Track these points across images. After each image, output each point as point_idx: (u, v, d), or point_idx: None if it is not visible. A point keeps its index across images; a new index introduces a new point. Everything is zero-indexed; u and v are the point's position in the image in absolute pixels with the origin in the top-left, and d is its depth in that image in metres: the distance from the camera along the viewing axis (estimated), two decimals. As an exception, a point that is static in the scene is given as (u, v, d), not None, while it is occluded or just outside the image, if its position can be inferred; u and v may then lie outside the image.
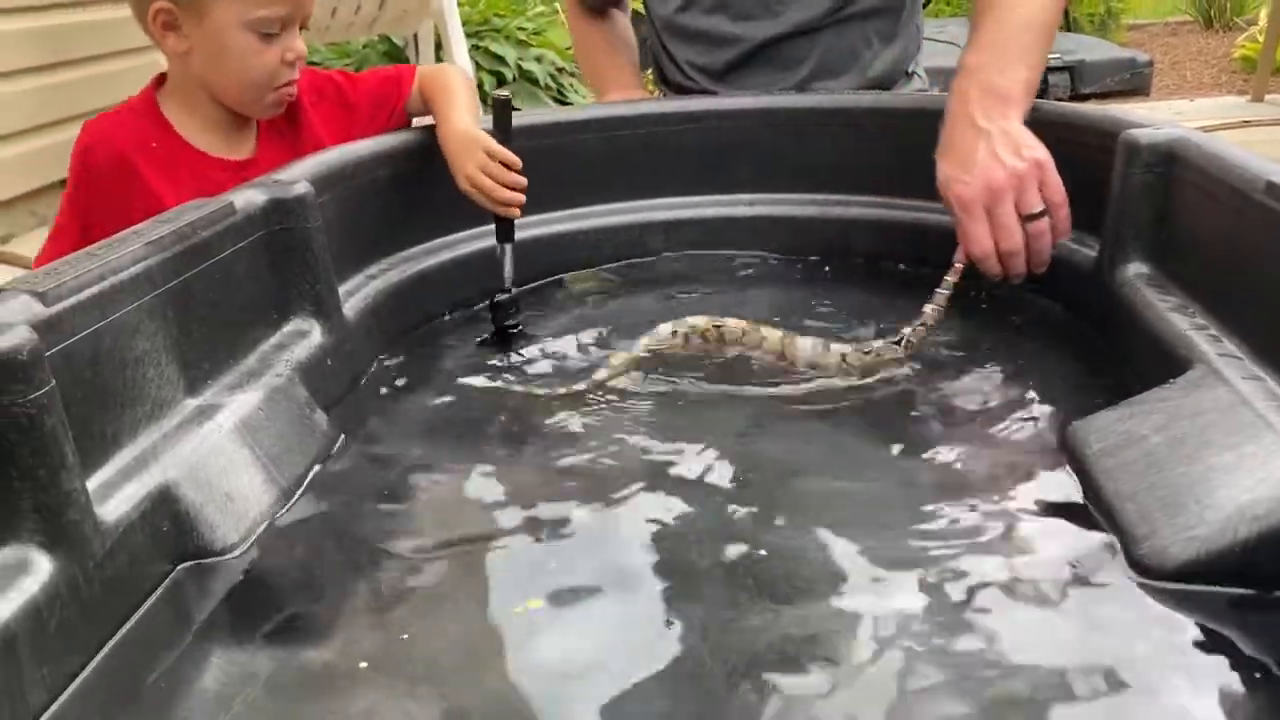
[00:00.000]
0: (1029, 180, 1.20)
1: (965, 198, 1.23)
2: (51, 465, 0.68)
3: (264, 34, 1.27)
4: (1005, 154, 1.21)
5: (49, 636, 0.67)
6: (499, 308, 1.28)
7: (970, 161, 1.23)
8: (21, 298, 0.74)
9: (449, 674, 0.73)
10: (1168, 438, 0.84)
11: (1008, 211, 1.21)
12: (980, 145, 1.22)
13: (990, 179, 1.21)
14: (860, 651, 0.71)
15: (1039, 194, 1.21)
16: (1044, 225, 1.21)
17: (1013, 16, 1.31)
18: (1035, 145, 1.21)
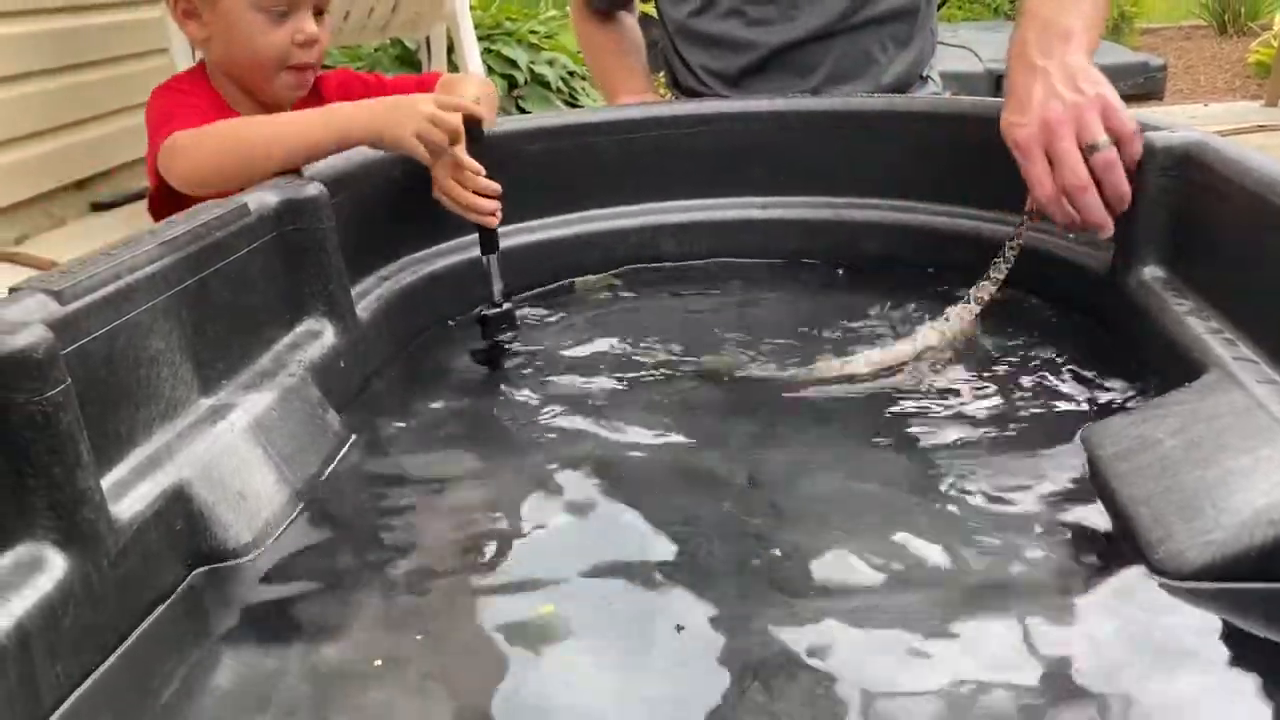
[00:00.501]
0: (1089, 111, 1.12)
1: (1021, 140, 1.16)
2: (66, 463, 0.69)
3: (273, 15, 1.30)
4: (1063, 88, 1.13)
5: (63, 634, 0.67)
6: (488, 321, 1.22)
7: (1027, 102, 1.16)
8: (37, 296, 0.74)
9: (462, 674, 0.73)
10: (1183, 441, 0.84)
11: (1068, 147, 1.12)
12: (1037, 83, 1.16)
13: (1046, 115, 1.13)
14: (872, 651, 0.71)
15: (1102, 125, 1.12)
16: (1111, 156, 1.12)
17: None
18: (1099, 80, 1.14)
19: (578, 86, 4.48)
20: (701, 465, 0.99)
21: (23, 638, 0.64)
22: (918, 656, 0.70)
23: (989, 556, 0.81)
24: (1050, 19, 1.20)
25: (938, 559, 0.81)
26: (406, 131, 1.15)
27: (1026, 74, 1.18)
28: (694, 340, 1.31)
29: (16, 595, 0.65)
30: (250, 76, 1.33)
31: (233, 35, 1.32)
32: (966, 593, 0.77)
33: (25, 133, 3.03)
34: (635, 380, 1.18)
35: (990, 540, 0.84)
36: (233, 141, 1.16)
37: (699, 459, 1.00)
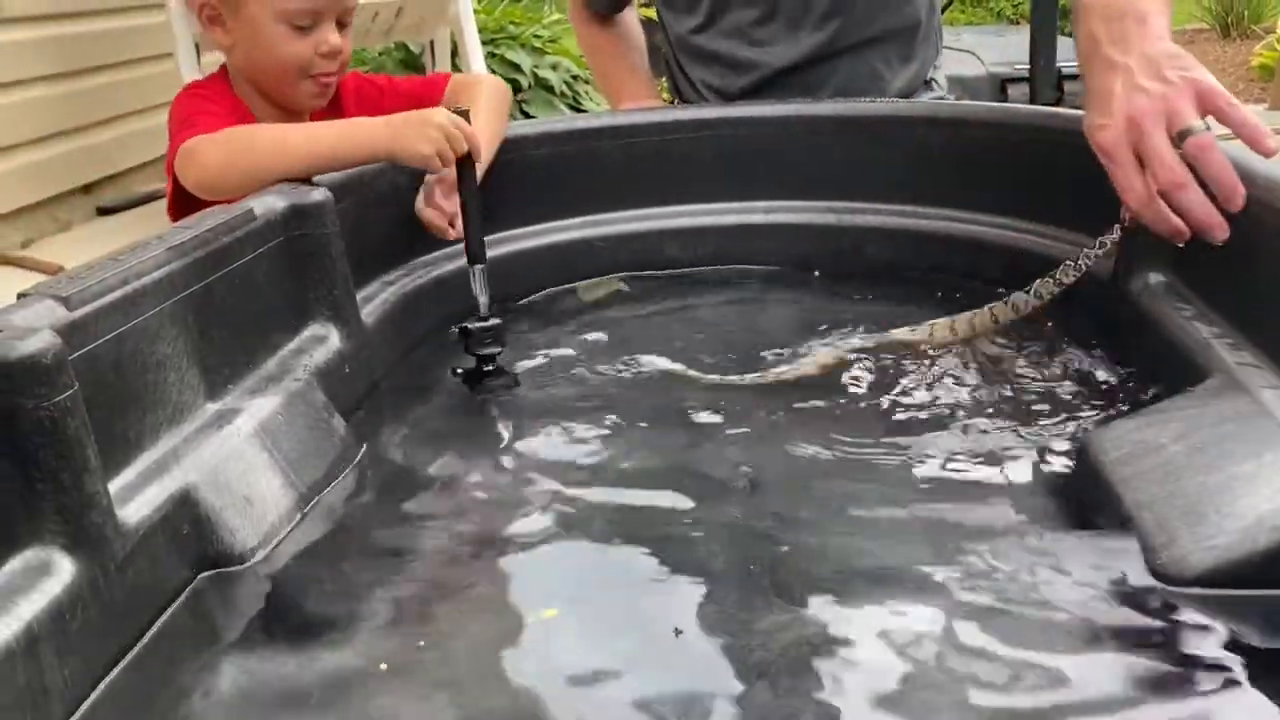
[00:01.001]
0: (1179, 100, 0.98)
1: (1105, 142, 1.04)
2: (74, 468, 0.69)
3: (297, 26, 1.30)
4: (1146, 80, 1.01)
5: (71, 638, 0.68)
6: (471, 335, 1.16)
7: (1108, 101, 1.04)
8: (46, 302, 0.75)
9: (467, 678, 0.73)
10: (1186, 446, 0.84)
11: (1158, 142, 0.99)
12: (1117, 80, 1.03)
13: (1130, 111, 1.01)
14: (875, 655, 0.71)
15: (1195, 108, 0.98)
16: (1206, 140, 0.97)
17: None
18: (1188, 64, 1.01)
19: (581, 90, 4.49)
20: (703, 468, 0.99)
21: (31, 641, 0.64)
22: (920, 659, 0.70)
23: (990, 561, 0.81)
24: (1114, 8, 1.08)
25: (939, 562, 0.81)
26: (422, 146, 1.16)
27: (1105, 72, 1.06)
28: (696, 345, 1.31)
29: (25, 599, 0.65)
30: (272, 84, 1.34)
31: (257, 44, 1.32)
32: (968, 596, 0.77)
33: (31, 137, 3.04)
34: (638, 384, 1.18)
35: (991, 544, 0.84)
36: (246, 151, 1.16)
37: (701, 462, 1.00)
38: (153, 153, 3.61)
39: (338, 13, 1.34)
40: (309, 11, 1.31)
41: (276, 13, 1.30)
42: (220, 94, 1.37)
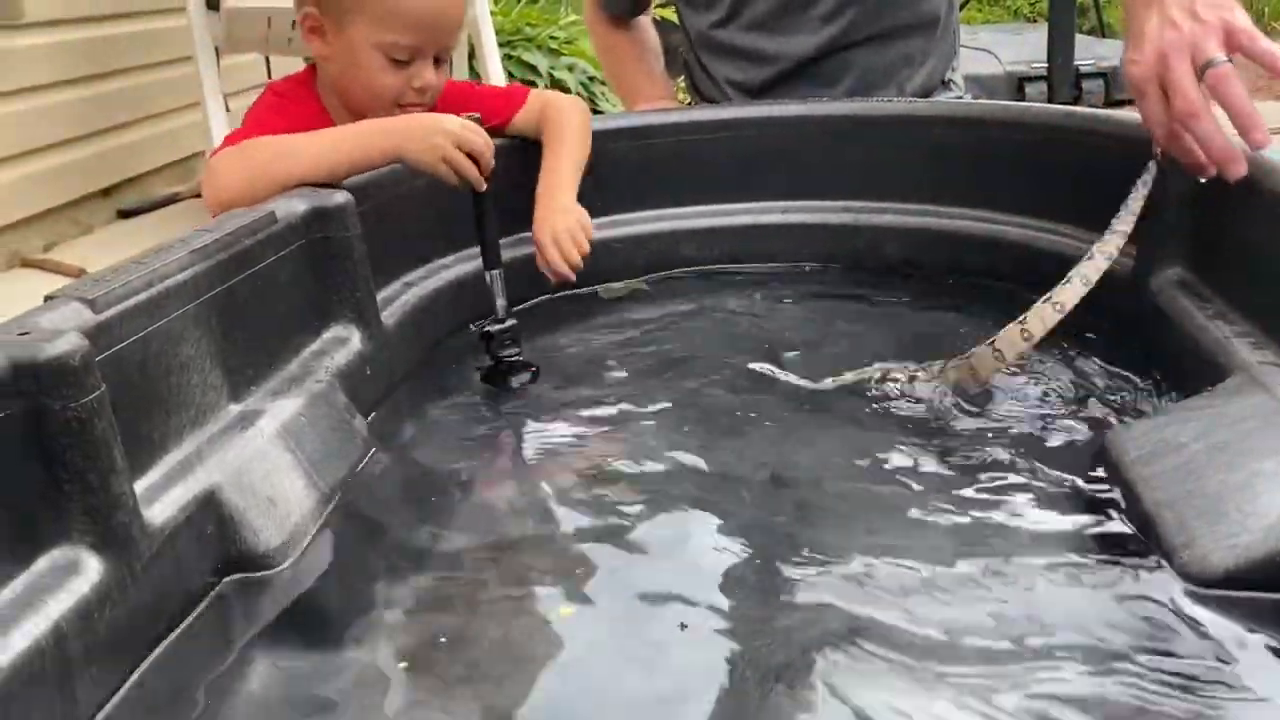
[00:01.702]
0: (1207, 36, 1.02)
1: (1136, 75, 1.08)
2: (101, 468, 0.70)
3: (394, 59, 1.30)
4: (1179, 15, 1.04)
5: (98, 637, 0.69)
6: (492, 338, 1.19)
7: (1141, 37, 1.07)
8: (72, 305, 0.76)
9: (487, 677, 0.73)
10: (1207, 445, 0.84)
11: (1181, 73, 1.02)
12: (1153, 17, 1.06)
13: (1161, 46, 1.04)
14: (895, 653, 0.71)
15: (1221, 43, 1.02)
16: (1225, 70, 1.00)
17: None
18: (1221, 3, 1.04)
19: (598, 91, 4.49)
20: (723, 468, 0.99)
21: (60, 639, 0.65)
22: (940, 658, 0.70)
23: (1011, 559, 0.81)
24: None
25: (960, 561, 0.82)
26: (424, 154, 1.16)
27: (1143, 9, 1.08)
28: (715, 344, 1.32)
29: (53, 598, 0.66)
30: (360, 106, 1.33)
31: (353, 65, 1.31)
32: (988, 595, 0.77)
33: (53, 141, 3.07)
34: (657, 384, 1.19)
35: (1012, 542, 0.84)
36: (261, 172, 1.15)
37: (721, 461, 1.00)
38: (172, 155, 3.64)
39: (437, 50, 1.34)
40: (409, 48, 1.30)
41: (378, 43, 1.29)
42: (301, 97, 1.37)
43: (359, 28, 1.29)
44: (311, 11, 1.31)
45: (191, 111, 3.45)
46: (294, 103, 1.35)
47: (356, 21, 1.29)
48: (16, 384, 0.66)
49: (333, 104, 1.37)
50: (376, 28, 1.28)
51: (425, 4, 1.29)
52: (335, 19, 1.30)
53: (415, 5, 1.29)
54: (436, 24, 1.32)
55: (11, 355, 0.66)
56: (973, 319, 1.33)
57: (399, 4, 1.28)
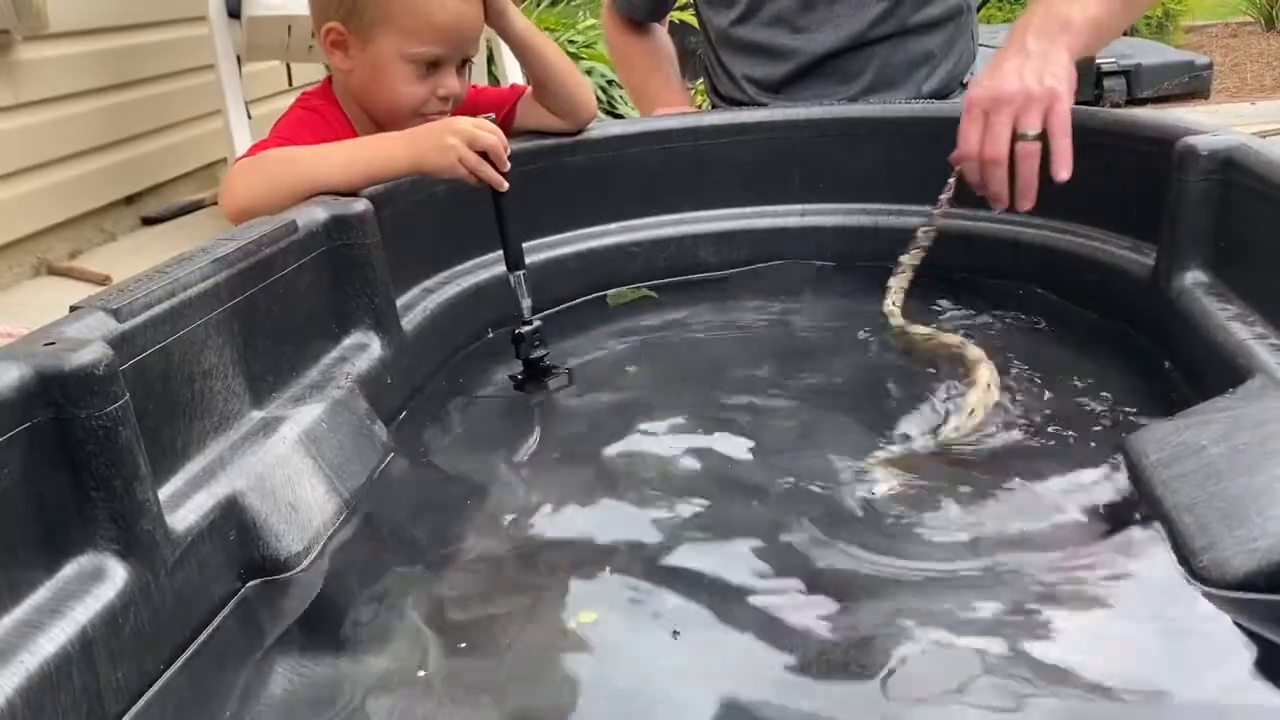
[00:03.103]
0: (1036, 103, 1.21)
1: (971, 98, 1.27)
2: (126, 475, 0.71)
3: (421, 67, 1.31)
4: (1028, 73, 1.23)
5: (124, 642, 0.70)
6: (521, 340, 1.20)
7: (997, 70, 1.26)
8: (97, 314, 0.77)
9: (508, 681, 0.74)
10: (1228, 448, 0.83)
11: (1002, 121, 1.23)
12: (1013, 60, 1.25)
13: (1001, 89, 1.24)
14: (914, 655, 0.71)
15: (1041, 119, 1.22)
16: (1033, 149, 1.23)
17: None
18: (1062, 77, 1.22)
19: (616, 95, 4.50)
20: (744, 473, 1.00)
21: (86, 645, 0.66)
22: (957, 659, 0.70)
23: (1029, 561, 0.81)
24: (1054, 9, 1.27)
25: (977, 563, 0.82)
26: (438, 158, 1.17)
27: (1016, 49, 1.26)
28: (731, 348, 1.32)
29: (80, 604, 0.67)
30: (383, 116, 1.35)
31: (377, 77, 1.33)
32: (1007, 597, 0.77)
33: (78, 150, 3.10)
34: (674, 389, 1.19)
35: (1031, 545, 0.84)
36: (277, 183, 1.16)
37: (741, 466, 1.01)
38: (195, 163, 3.68)
39: (461, 57, 1.35)
40: (436, 57, 1.32)
41: (404, 54, 1.30)
42: (328, 112, 1.38)
43: (386, 40, 1.30)
44: (335, 26, 1.32)
45: (213, 119, 3.48)
46: (321, 118, 1.36)
47: (383, 34, 1.30)
48: (44, 394, 0.68)
49: (355, 113, 1.38)
50: (404, 39, 1.30)
51: (451, 13, 1.30)
52: (360, 32, 1.31)
53: (442, 15, 1.30)
54: (462, 33, 1.33)
55: (38, 366, 0.68)
56: (991, 319, 1.32)
57: (426, 15, 1.29)
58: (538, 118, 1.48)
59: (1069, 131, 1.22)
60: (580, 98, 1.47)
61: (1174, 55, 6.26)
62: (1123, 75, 5.72)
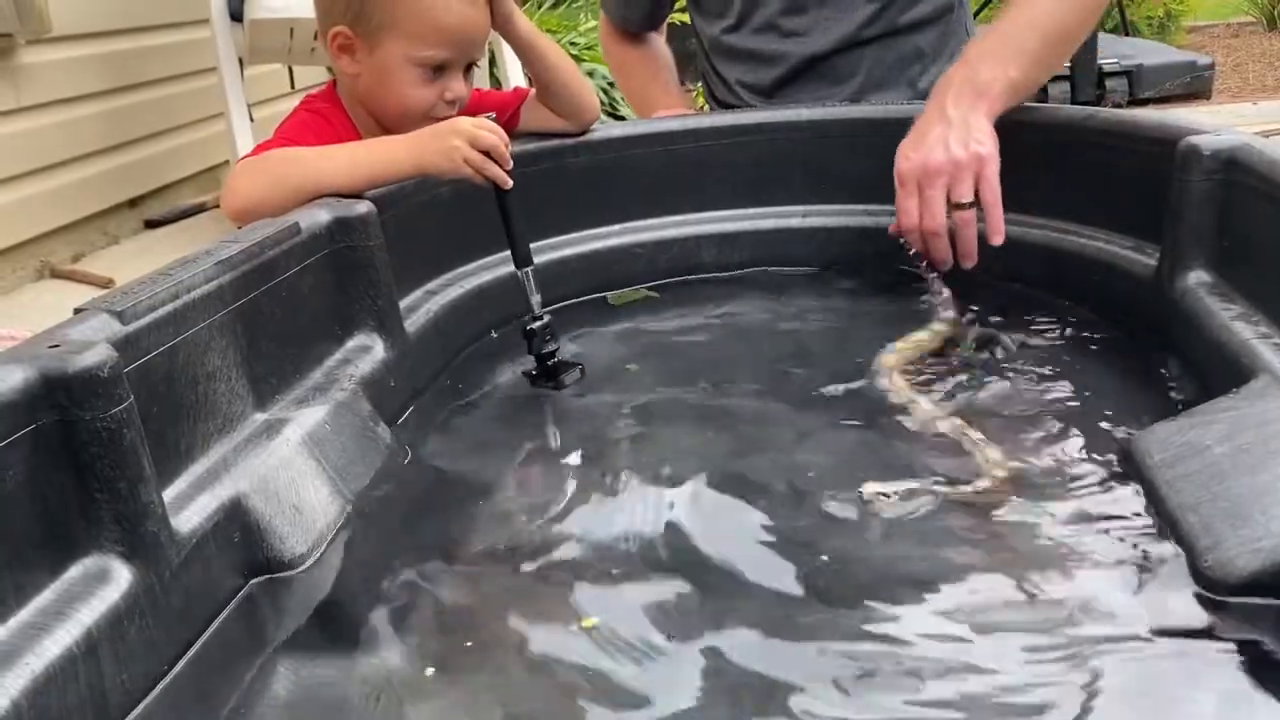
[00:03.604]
0: (965, 171, 1.27)
1: (902, 172, 1.32)
2: (130, 478, 0.71)
3: (428, 70, 1.32)
4: (953, 142, 1.28)
5: (129, 643, 0.70)
6: (533, 335, 1.21)
7: (921, 141, 1.31)
8: (101, 316, 0.77)
9: (512, 683, 0.74)
10: (1231, 448, 0.83)
11: (936, 195, 1.28)
12: (936, 129, 1.30)
13: (929, 160, 1.28)
14: (913, 656, 0.71)
15: (973, 187, 1.27)
16: (969, 216, 1.28)
17: (1025, 15, 1.37)
18: (985, 141, 1.28)
19: (618, 97, 4.50)
20: (747, 474, 0.99)
21: (92, 646, 0.66)
22: (960, 662, 0.70)
23: (1033, 564, 0.81)
24: (973, 76, 1.33)
25: (980, 565, 0.82)
26: (441, 160, 1.17)
27: (936, 116, 1.32)
28: (735, 349, 1.32)
29: (85, 606, 0.67)
30: (390, 119, 1.35)
31: (384, 81, 1.33)
32: (1010, 600, 0.77)
33: (81, 153, 3.11)
34: (677, 390, 1.19)
35: (1035, 547, 0.84)
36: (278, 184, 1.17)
37: (745, 468, 1.00)
38: (198, 165, 3.68)
39: (468, 60, 1.35)
40: (444, 60, 1.32)
41: (411, 58, 1.31)
42: (332, 115, 1.38)
43: (393, 44, 1.31)
44: (342, 30, 1.33)
45: (216, 122, 3.49)
46: (325, 120, 1.36)
47: (390, 38, 1.30)
48: (48, 396, 0.68)
49: (360, 117, 1.38)
50: (412, 43, 1.30)
51: (458, 18, 1.31)
52: (367, 37, 1.32)
53: (448, 21, 1.30)
54: (469, 37, 1.34)
55: (43, 368, 0.68)
56: (994, 320, 1.32)
57: (434, 19, 1.29)
58: (541, 120, 1.48)
59: (999, 198, 1.27)
60: (583, 99, 1.48)
61: (1176, 55, 6.26)
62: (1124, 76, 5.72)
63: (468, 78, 1.36)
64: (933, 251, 1.32)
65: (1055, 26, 1.37)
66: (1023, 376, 1.16)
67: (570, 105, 1.47)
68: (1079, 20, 1.40)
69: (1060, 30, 1.38)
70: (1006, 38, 1.36)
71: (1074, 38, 1.42)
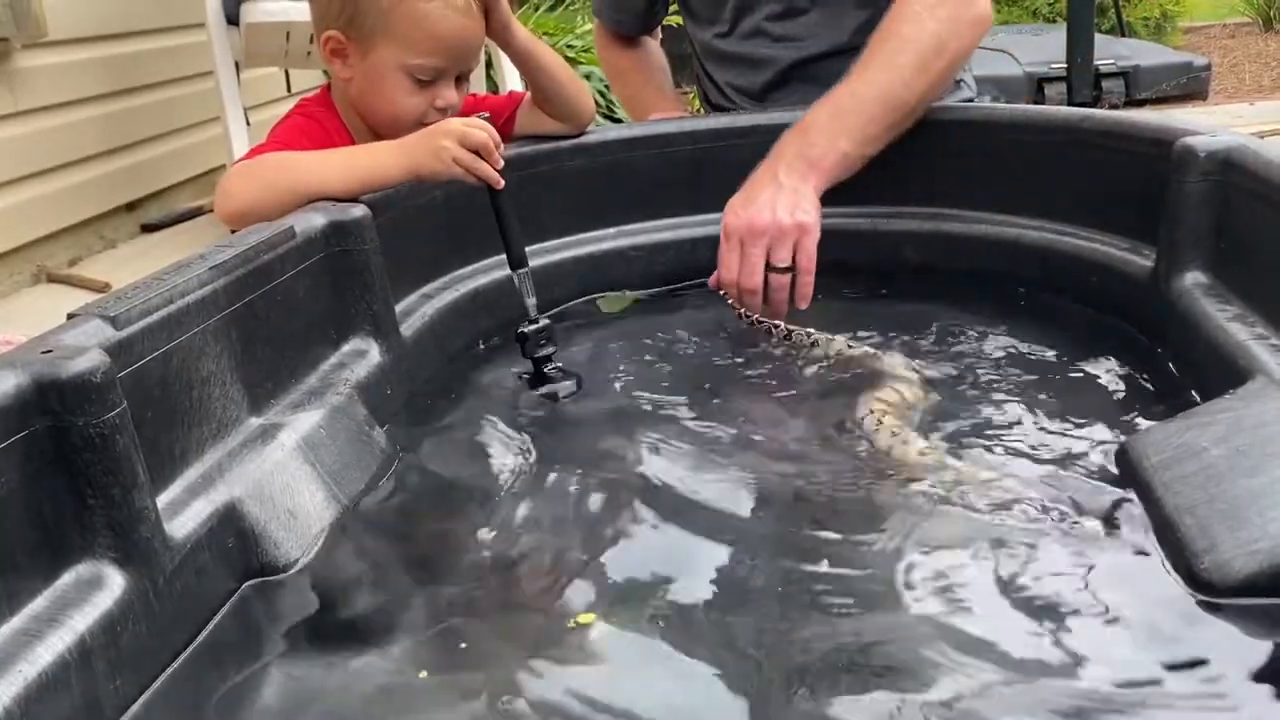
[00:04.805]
0: (787, 236, 1.33)
1: (728, 226, 1.37)
2: (124, 483, 0.71)
3: (419, 80, 1.31)
4: (780, 208, 1.34)
5: (122, 649, 0.69)
6: (527, 339, 1.21)
7: (750, 201, 1.37)
8: (94, 322, 0.77)
9: (507, 684, 0.74)
10: (1228, 450, 0.83)
11: (757, 254, 1.34)
12: (767, 192, 1.37)
13: (755, 221, 1.34)
14: (915, 663, 0.71)
15: (791, 253, 1.34)
16: (784, 280, 1.35)
17: (868, 87, 1.42)
18: (810, 212, 1.35)
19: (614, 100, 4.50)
20: (744, 479, 0.99)
21: (85, 653, 0.66)
22: (957, 664, 0.70)
23: (1030, 566, 0.81)
24: (808, 148, 1.40)
25: (978, 569, 0.81)
26: (434, 163, 1.17)
27: (767, 180, 1.39)
28: (729, 354, 1.32)
29: (79, 612, 0.67)
30: (381, 124, 1.35)
31: (376, 88, 1.33)
32: (1008, 602, 0.77)
33: (77, 157, 3.11)
34: (673, 394, 1.19)
35: (1031, 550, 0.84)
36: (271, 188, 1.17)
37: (741, 472, 1.00)
38: (195, 169, 3.68)
39: (458, 71, 1.35)
40: (435, 69, 1.31)
41: (403, 65, 1.30)
42: (325, 119, 1.38)
43: (385, 50, 1.30)
44: (335, 34, 1.32)
45: (213, 126, 3.49)
46: (319, 125, 1.36)
47: (382, 44, 1.30)
48: (41, 402, 0.68)
49: (353, 121, 1.38)
50: (403, 51, 1.30)
51: (452, 28, 1.30)
52: (360, 42, 1.31)
53: (442, 29, 1.29)
54: (463, 46, 1.33)
55: (35, 373, 0.68)
56: (992, 323, 1.32)
57: (426, 28, 1.29)
58: (537, 123, 1.48)
59: (813, 267, 1.35)
60: (579, 102, 1.47)
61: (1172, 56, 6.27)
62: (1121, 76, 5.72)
63: (460, 86, 1.36)
64: (747, 306, 1.38)
65: (896, 101, 1.42)
66: (1018, 377, 1.16)
67: (566, 109, 1.47)
68: (920, 94, 1.43)
69: (900, 105, 1.42)
70: (842, 110, 1.41)
71: (914, 110, 1.45)
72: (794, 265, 1.34)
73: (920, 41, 1.43)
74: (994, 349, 1.23)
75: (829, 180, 1.39)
